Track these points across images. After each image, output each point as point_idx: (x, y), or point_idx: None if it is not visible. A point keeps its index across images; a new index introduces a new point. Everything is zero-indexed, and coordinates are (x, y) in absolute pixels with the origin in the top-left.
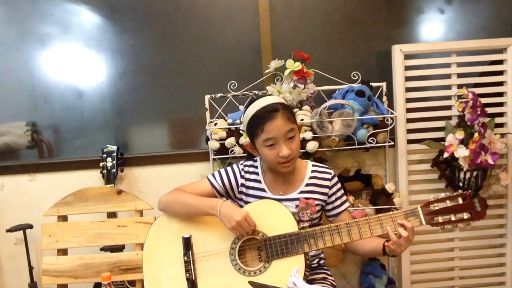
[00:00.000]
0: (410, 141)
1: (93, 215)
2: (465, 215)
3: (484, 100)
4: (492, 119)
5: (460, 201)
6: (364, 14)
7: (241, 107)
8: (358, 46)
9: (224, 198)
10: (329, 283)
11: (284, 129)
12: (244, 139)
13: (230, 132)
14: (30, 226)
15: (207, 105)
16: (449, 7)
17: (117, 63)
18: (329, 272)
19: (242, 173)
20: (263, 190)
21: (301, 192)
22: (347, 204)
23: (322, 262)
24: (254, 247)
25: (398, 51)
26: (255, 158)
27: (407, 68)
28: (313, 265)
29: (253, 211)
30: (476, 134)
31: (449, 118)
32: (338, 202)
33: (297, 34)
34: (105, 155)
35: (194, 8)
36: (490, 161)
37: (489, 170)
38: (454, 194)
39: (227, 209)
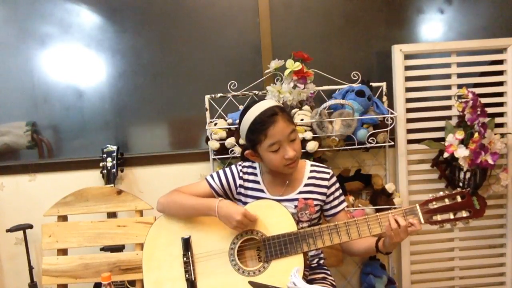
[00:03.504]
0: (410, 141)
1: (93, 215)
2: (464, 213)
3: (484, 100)
4: (492, 119)
5: (459, 199)
6: (364, 14)
7: (241, 107)
8: (358, 46)
9: (221, 198)
10: (329, 283)
11: (287, 131)
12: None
13: (230, 132)
14: (30, 226)
15: (207, 105)
16: (449, 7)
17: (117, 63)
18: (329, 272)
19: (241, 174)
20: (261, 191)
21: (300, 192)
22: (344, 204)
23: (322, 262)
24: (253, 247)
25: (398, 51)
26: None
27: (407, 68)
28: (312, 265)
29: (251, 211)
30: (476, 134)
31: (449, 118)
32: (336, 202)
33: (297, 34)
34: (105, 155)
35: (194, 8)
36: (490, 161)
37: (489, 170)
38: (453, 192)
39: (225, 209)
